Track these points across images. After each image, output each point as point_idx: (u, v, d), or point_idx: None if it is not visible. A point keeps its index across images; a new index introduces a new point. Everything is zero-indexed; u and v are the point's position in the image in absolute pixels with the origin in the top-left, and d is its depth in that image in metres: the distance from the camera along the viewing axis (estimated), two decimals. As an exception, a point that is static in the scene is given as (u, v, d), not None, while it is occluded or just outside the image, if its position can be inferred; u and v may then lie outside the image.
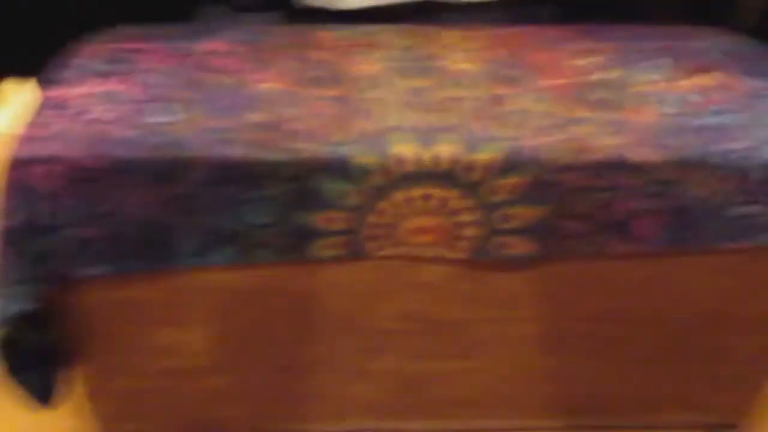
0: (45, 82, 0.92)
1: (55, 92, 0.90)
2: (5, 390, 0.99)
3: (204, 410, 1.08)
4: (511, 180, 0.86)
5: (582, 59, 1.00)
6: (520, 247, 0.90)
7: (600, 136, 0.86)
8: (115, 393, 1.04)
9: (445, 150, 0.85)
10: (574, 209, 0.87)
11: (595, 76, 0.96)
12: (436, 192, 0.86)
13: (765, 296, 0.97)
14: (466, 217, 0.88)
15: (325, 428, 1.12)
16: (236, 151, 0.83)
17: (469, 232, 0.89)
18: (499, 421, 1.13)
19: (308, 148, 0.84)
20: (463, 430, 1.14)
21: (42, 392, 0.96)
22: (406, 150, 0.84)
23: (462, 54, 1.01)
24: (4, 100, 1.16)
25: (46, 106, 0.88)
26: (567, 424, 1.14)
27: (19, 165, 0.82)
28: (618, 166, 0.85)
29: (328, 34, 1.07)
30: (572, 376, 1.06)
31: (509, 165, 0.85)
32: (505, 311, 0.98)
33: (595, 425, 1.14)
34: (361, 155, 0.84)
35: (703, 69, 0.98)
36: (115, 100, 0.88)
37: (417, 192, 0.86)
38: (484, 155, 0.85)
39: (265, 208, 0.85)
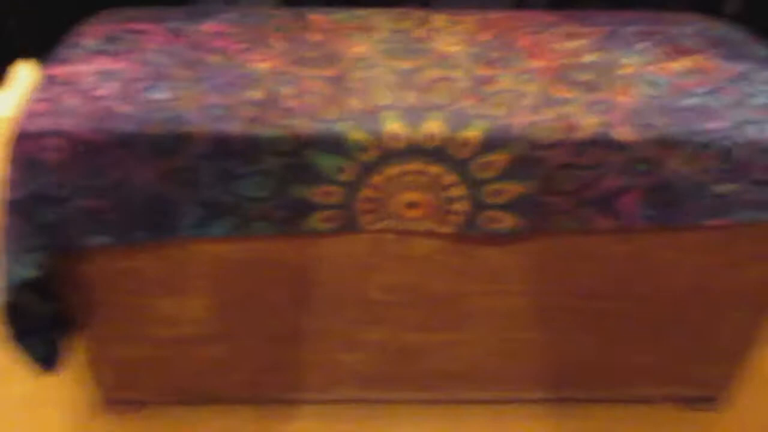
0: (51, 62, 0.95)
1: (61, 71, 0.93)
2: (8, 356, 1.02)
3: (200, 379, 1.11)
4: (498, 157, 0.88)
5: (567, 43, 1.03)
6: (507, 221, 0.93)
7: (584, 116, 0.89)
8: (115, 362, 1.07)
9: (435, 127, 0.88)
10: (559, 185, 0.90)
11: (580, 59, 0.99)
12: (427, 168, 0.89)
13: (745, 273, 1.00)
14: (455, 193, 0.91)
15: (317, 397, 1.15)
16: (234, 127, 0.86)
17: (458, 206, 0.92)
18: (486, 393, 1.16)
19: (303, 125, 0.87)
20: (451, 401, 1.17)
21: (45, 358, 0.99)
22: (397, 127, 0.87)
23: (451, 37, 1.04)
24: (11, 83, 1.19)
25: (52, 83, 0.91)
26: (552, 397, 1.17)
27: (27, 138, 0.85)
28: (601, 144, 0.88)
29: (321, 17, 1.09)
30: (558, 349, 1.09)
31: (496, 142, 0.88)
32: (494, 285, 1.01)
33: (579, 398, 1.17)
34: (355, 131, 0.87)
35: (685, 53, 1.01)
36: (118, 78, 0.91)
37: (408, 168, 0.89)
38: (473, 132, 0.88)
39: (262, 182, 0.89)
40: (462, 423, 1.16)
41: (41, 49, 1.02)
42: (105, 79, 0.91)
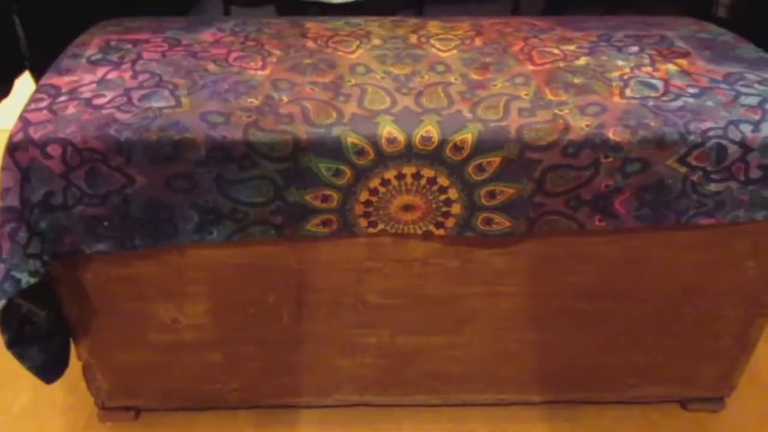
0: (52, 71, 0.96)
1: (62, 80, 0.94)
2: (5, 365, 1.01)
3: (199, 385, 1.11)
4: (493, 159, 0.89)
5: (559, 46, 1.04)
6: (503, 223, 0.94)
7: (578, 117, 0.90)
8: (115, 368, 1.07)
9: (431, 131, 0.89)
10: (553, 187, 0.91)
11: (573, 62, 1.00)
12: (423, 171, 0.90)
13: (740, 272, 1.01)
14: (450, 195, 0.92)
15: (315, 402, 1.16)
16: (232, 133, 0.87)
17: (454, 209, 0.93)
18: (484, 396, 1.16)
19: (301, 130, 0.88)
20: (450, 404, 1.17)
21: (43, 366, 0.99)
22: (393, 131, 0.89)
23: (446, 43, 1.06)
24: (13, 95, 1.20)
25: (53, 92, 0.92)
26: (551, 399, 1.17)
27: (29, 146, 0.86)
28: (595, 146, 0.89)
29: (318, 25, 1.11)
30: (556, 350, 1.10)
31: (492, 144, 0.89)
32: (491, 286, 1.02)
33: (576, 399, 1.17)
34: (352, 136, 0.88)
35: (676, 56, 1.03)
36: (119, 87, 0.93)
37: (404, 171, 0.90)
38: (468, 135, 0.89)
39: (259, 187, 0.90)
40: (461, 426, 1.16)
41: (42, 59, 1.04)
42: (107, 88, 0.92)
